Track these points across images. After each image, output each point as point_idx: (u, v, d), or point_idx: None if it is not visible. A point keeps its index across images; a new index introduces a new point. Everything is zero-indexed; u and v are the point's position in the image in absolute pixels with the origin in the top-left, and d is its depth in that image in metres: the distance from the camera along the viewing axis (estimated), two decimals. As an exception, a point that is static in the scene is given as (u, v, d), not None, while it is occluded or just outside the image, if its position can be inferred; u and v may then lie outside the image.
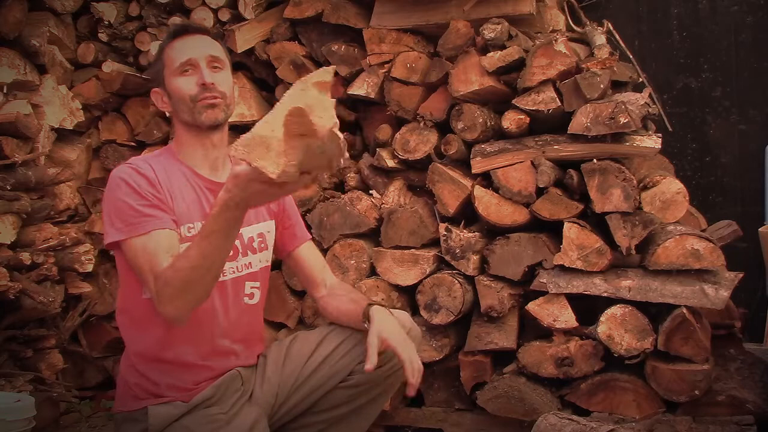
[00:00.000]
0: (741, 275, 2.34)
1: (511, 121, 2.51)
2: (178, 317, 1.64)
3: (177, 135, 1.91)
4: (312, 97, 1.31)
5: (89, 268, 2.99)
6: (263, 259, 1.97)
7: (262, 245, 1.96)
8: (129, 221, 1.69)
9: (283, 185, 1.37)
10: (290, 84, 2.84)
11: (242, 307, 1.91)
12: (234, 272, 1.87)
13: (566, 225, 2.39)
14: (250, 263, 1.92)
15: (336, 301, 1.99)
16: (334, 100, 1.35)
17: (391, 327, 1.80)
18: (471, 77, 2.53)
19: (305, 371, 1.90)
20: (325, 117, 1.31)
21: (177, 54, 1.84)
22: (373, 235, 2.70)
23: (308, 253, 2.08)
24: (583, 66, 2.50)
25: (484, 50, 2.56)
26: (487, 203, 2.51)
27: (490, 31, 2.51)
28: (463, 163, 2.63)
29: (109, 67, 3.12)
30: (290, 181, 1.35)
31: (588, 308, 2.42)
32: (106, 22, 3.11)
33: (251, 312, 1.95)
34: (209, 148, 1.88)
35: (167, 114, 1.96)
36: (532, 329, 2.51)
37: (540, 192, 2.45)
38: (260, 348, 1.99)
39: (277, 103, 1.34)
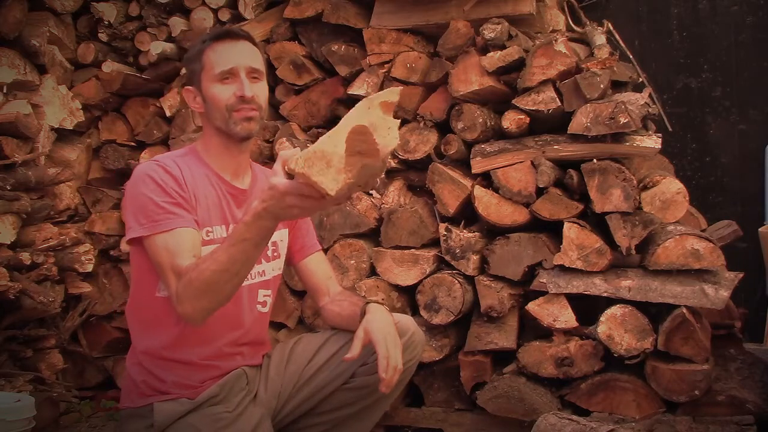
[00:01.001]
0: (741, 275, 2.33)
1: (511, 121, 2.51)
2: (196, 318, 1.63)
3: (205, 137, 1.91)
4: (376, 116, 1.30)
5: (89, 268, 2.99)
6: (276, 268, 1.98)
7: (275, 254, 1.96)
8: (153, 218, 1.69)
9: (320, 201, 1.35)
10: (291, 84, 2.87)
11: (255, 314, 1.93)
12: (248, 279, 1.87)
13: (566, 225, 2.39)
14: (263, 271, 1.92)
15: (337, 307, 2.00)
16: (399, 120, 1.32)
17: (379, 322, 1.78)
18: (471, 77, 2.53)
19: (307, 373, 1.90)
20: (388, 138, 1.29)
21: (218, 59, 1.82)
22: (373, 235, 2.69)
23: (316, 264, 2.09)
24: (583, 66, 2.50)
25: (484, 50, 2.56)
26: (487, 203, 2.51)
27: (490, 31, 2.51)
28: (463, 163, 2.63)
29: (109, 67, 3.12)
30: (338, 199, 1.33)
31: (588, 308, 2.42)
32: (106, 22, 3.11)
33: (262, 320, 1.97)
34: (236, 154, 1.89)
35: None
36: (532, 329, 2.51)
37: (540, 192, 2.45)
38: (266, 349, 2.00)
39: (342, 121, 1.32)
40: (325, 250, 2.67)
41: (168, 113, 3.04)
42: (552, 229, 2.51)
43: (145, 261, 1.76)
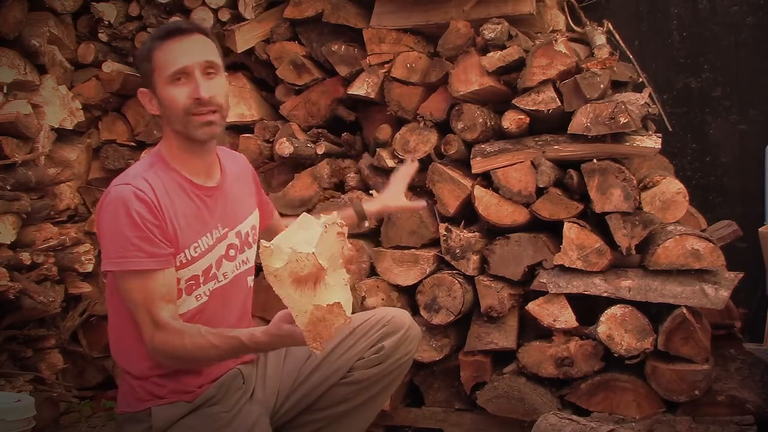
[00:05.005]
0: (741, 275, 2.34)
1: (511, 121, 2.51)
2: (166, 366, 1.74)
3: (167, 141, 1.83)
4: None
5: (89, 268, 2.99)
6: (256, 251, 1.96)
7: (254, 238, 1.95)
8: (124, 254, 1.66)
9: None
10: (291, 84, 2.86)
11: (245, 303, 1.93)
12: (235, 270, 1.87)
13: (566, 225, 2.39)
14: (247, 259, 1.91)
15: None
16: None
17: None
18: (471, 77, 2.53)
19: (305, 370, 1.90)
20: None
21: (169, 59, 1.73)
22: (373, 235, 2.69)
23: (278, 220, 2.13)
24: (583, 66, 2.50)
25: (484, 50, 2.56)
26: (487, 203, 2.51)
27: (490, 31, 2.51)
28: (463, 163, 2.63)
29: (109, 67, 3.12)
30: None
31: (588, 308, 2.42)
32: (106, 22, 3.11)
33: (250, 303, 1.98)
34: (202, 156, 1.82)
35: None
36: (532, 329, 2.51)
37: (540, 192, 2.45)
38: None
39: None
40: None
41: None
42: (552, 229, 2.51)
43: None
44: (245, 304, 1.94)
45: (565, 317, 2.38)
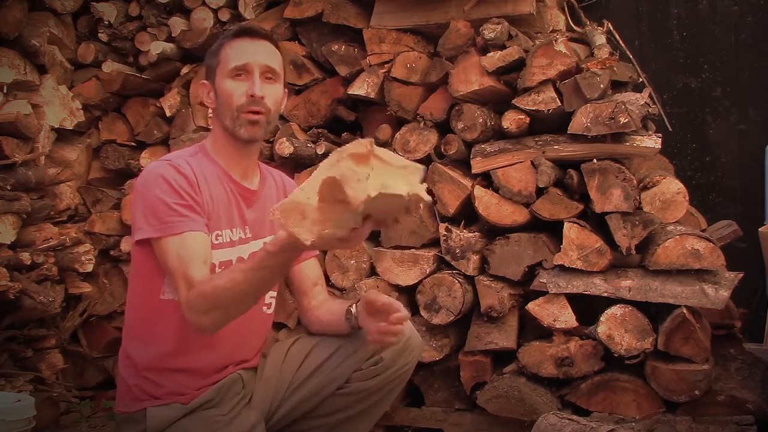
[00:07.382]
0: (741, 275, 2.33)
1: (511, 121, 2.51)
2: (206, 329, 1.64)
3: (214, 135, 1.88)
4: (347, 167, 1.32)
5: (89, 268, 2.99)
6: None
7: None
8: (164, 219, 1.67)
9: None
10: (291, 84, 2.87)
11: (262, 317, 1.92)
12: None
13: (566, 225, 2.39)
14: None
15: (320, 311, 1.98)
16: (369, 173, 1.33)
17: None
18: (471, 77, 2.53)
19: (298, 377, 1.89)
20: (358, 189, 1.30)
21: (234, 55, 1.80)
22: (373, 235, 2.69)
23: (309, 269, 2.05)
24: (583, 66, 2.50)
25: (484, 50, 2.56)
26: (487, 203, 2.51)
27: (490, 31, 2.51)
28: (463, 163, 2.63)
29: (109, 67, 3.13)
30: (327, 245, 1.38)
31: (588, 308, 2.42)
32: (106, 22, 3.12)
33: (268, 321, 1.97)
34: (244, 155, 1.87)
35: (209, 111, 1.93)
36: (532, 329, 2.51)
37: (540, 192, 2.45)
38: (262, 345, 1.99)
39: (314, 172, 1.37)
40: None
41: (168, 113, 3.04)
42: (552, 229, 2.51)
43: (150, 262, 1.73)
44: (262, 320, 1.93)
45: (565, 317, 2.38)
